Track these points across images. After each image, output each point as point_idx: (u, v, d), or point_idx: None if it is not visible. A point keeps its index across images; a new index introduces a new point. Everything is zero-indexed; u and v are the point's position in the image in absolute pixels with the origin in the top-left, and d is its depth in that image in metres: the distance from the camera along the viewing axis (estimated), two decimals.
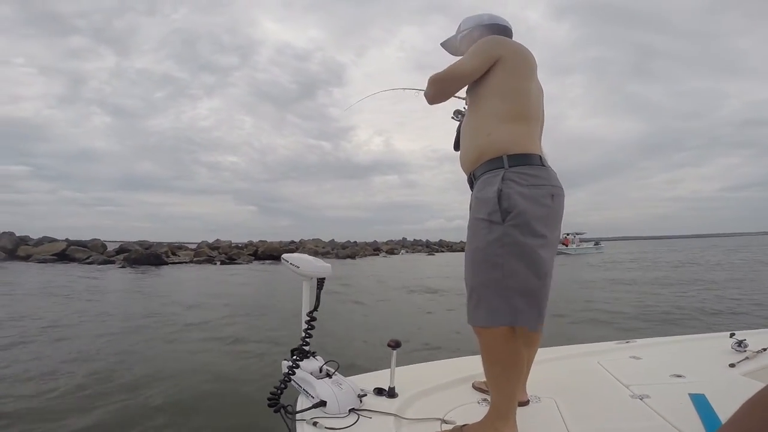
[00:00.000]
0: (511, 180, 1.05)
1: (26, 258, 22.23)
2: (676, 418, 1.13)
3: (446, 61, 1.31)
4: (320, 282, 1.36)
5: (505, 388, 1.06)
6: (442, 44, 1.53)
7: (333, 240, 41.60)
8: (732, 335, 1.87)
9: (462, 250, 1.26)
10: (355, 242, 44.14)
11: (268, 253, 26.78)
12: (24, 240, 25.27)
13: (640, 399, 1.28)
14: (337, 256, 33.59)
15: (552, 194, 1.07)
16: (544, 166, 1.11)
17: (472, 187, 1.21)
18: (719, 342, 1.90)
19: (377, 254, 37.37)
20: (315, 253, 34.19)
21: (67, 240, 25.48)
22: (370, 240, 46.18)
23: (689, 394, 1.27)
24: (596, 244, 44.24)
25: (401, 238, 53.06)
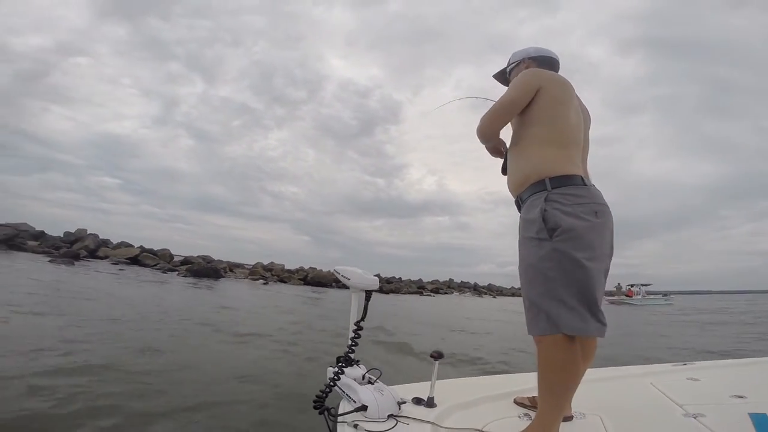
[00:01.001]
0: (554, 200, 1.14)
1: (104, 258, 24.86)
2: None
3: (499, 92, 1.39)
4: (368, 294, 1.43)
5: (556, 398, 1.09)
6: (494, 76, 1.64)
7: (379, 274, 41.35)
8: None
9: (513, 295, 1.23)
10: (400, 278, 43.63)
11: (317, 280, 27.67)
12: (105, 242, 28.40)
13: (694, 417, 1.23)
14: (381, 291, 33.46)
15: (595, 211, 1.14)
16: (585, 185, 1.18)
17: (519, 209, 1.29)
18: None
19: (421, 292, 36.62)
20: None
21: (141, 247, 28.17)
22: (415, 278, 45.21)
23: (749, 414, 1.19)
24: (665, 295, 41.71)
25: (448, 279, 51.57)
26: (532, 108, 1.28)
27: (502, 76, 1.61)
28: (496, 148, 1.42)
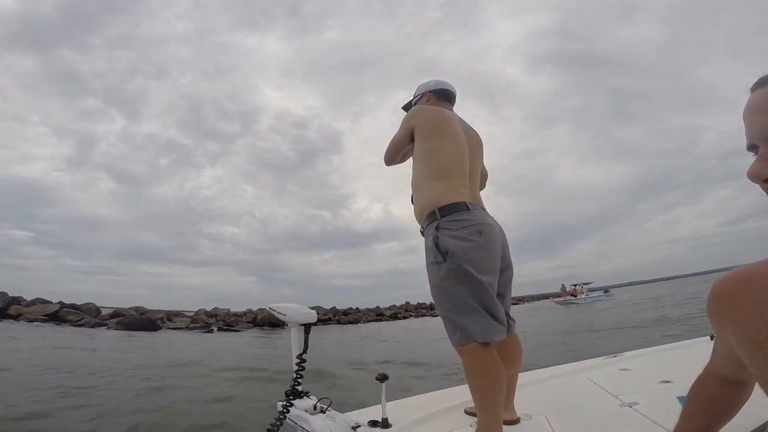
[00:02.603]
0: (443, 228, 1.30)
1: (16, 317, 21.72)
2: (666, 420, 1.16)
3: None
4: (307, 327, 1.44)
5: (488, 402, 1.19)
6: (403, 107, 1.79)
7: (335, 307, 40.73)
8: (712, 338, 1.88)
9: None
10: (357, 308, 42.93)
11: (267, 321, 25.83)
12: (17, 300, 24.89)
13: (630, 406, 1.33)
14: (339, 323, 32.68)
15: (479, 231, 1.30)
16: (469, 210, 1.33)
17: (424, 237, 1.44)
18: (702, 346, 1.97)
19: (380, 319, 36.22)
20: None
21: (60, 303, 25.08)
22: (372, 306, 44.76)
23: (678, 397, 1.29)
24: (606, 291, 45.46)
25: (404, 302, 51.65)
26: (416, 144, 1.48)
27: (409, 108, 1.74)
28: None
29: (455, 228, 1.28)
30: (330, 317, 34.81)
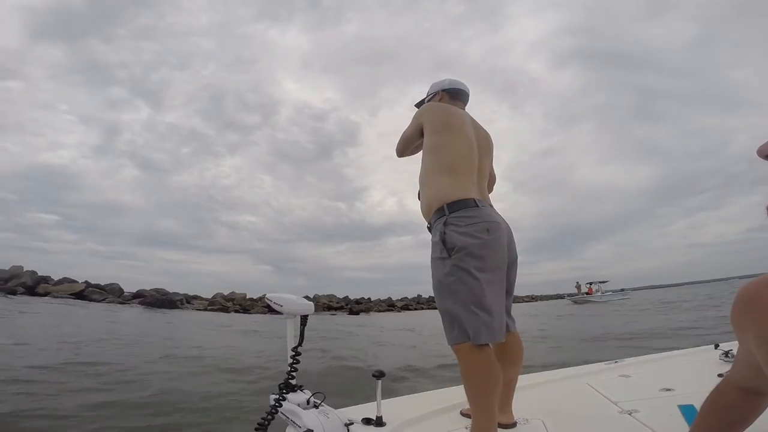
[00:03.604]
0: (451, 224, 1.28)
1: (44, 295, 22.77)
2: (666, 429, 1.14)
3: None
4: (303, 319, 1.40)
5: (483, 403, 1.17)
6: (416, 105, 1.76)
7: (347, 296, 41.14)
8: (716, 346, 1.89)
9: None
10: (369, 299, 43.29)
11: None
12: (44, 279, 26.02)
13: (629, 414, 1.30)
14: (351, 311, 33.06)
15: (487, 228, 1.28)
16: (478, 207, 1.31)
17: (430, 232, 1.42)
18: (706, 354, 1.91)
19: (392, 310, 36.49)
20: (328, 308, 34.42)
21: (86, 282, 26.13)
22: (384, 297, 45.03)
23: (678, 406, 1.26)
24: (622, 291, 46.62)
25: (416, 295, 51.78)
26: (425, 140, 1.48)
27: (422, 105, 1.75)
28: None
29: (463, 224, 1.27)
30: (342, 305, 35.34)
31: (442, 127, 1.44)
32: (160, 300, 22.20)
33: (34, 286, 23.89)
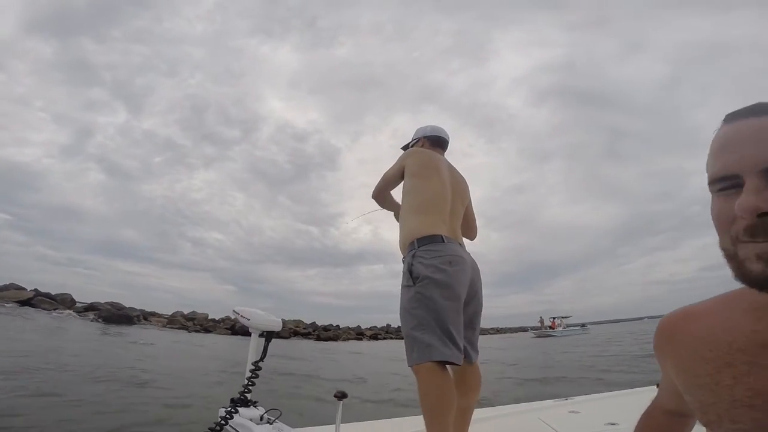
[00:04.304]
0: (418, 256, 1.41)
1: None
2: None
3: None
4: (269, 335, 1.42)
5: (437, 421, 1.23)
6: (402, 148, 1.92)
7: (314, 322, 40.06)
8: (658, 386, 2.01)
9: None
10: (338, 326, 42.29)
11: (245, 329, 25.45)
12: None
13: None
14: (319, 338, 32.16)
15: (449, 261, 1.40)
16: (444, 242, 1.44)
17: None
18: (649, 393, 2.03)
19: (360, 339, 35.72)
20: (295, 333, 33.37)
21: (35, 290, 24.37)
22: (353, 325, 44.10)
23: None
24: (582, 326, 47.99)
25: (386, 324, 51.00)
26: (405, 182, 1.64)
27: (407, 149, 1.92)
28: (397, 214, 1.76)
29: (429, 257, 1.39)
30: (310, 332, 34.32)
31: (420, 171, 1.60)
32: (115, 315, 20.89)
33: None
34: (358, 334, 39.54)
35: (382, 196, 1.76)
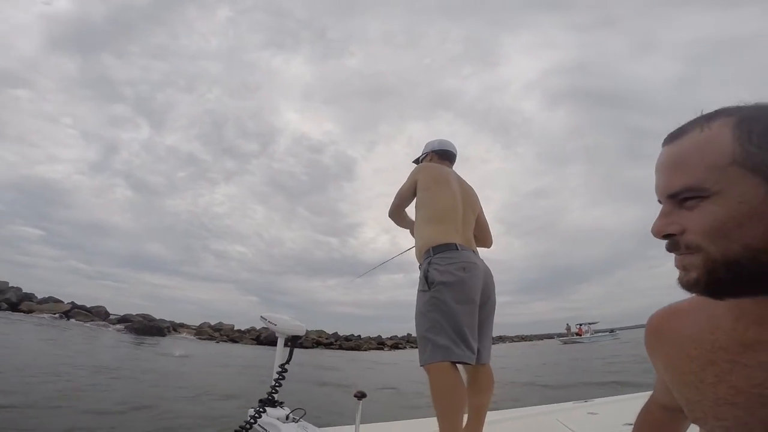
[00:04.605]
0: (434, 263, 1.50)
1: (28, 312, 22.26)
2: None
3: None
4: (294, 339, 1.50)
5: (450, 420, 1.30)
6: (413, 162, 2.01)
7: (336, 332, 40.26)
8: None
9: None
10: (359, 336, 42.34)
11: (271, 339, 26.11)
12: (28, 296, 25.52)
13: None
14: (341, 347, 32.30)
15: (463, 267, 1.48)
16: (458, 249, 1.53)
17: None
18: None
19: (381, 348, 35.64)
20: (318, 343, 33.61)
21: (72, 303, 25.56)
22: (374, 335, 44.07)
23: None
24: (611, 331, 46.61)
25: (406, 334, 50.68)
26: (418, 195, 1.73)
27: (418, 162, 2.03)
28: (411, 231, 1.84)
29: (444, 263, 1.48)
30: (332, 342, 34.52)
31: (431, 185, 1.69)
32: (147, 326, 21.67)
33: (18, 302, 23.36)
34: (379, 343, 39.42)
35: (398, 213, 1.84)
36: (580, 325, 43.69)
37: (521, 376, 9.90)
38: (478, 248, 1.81)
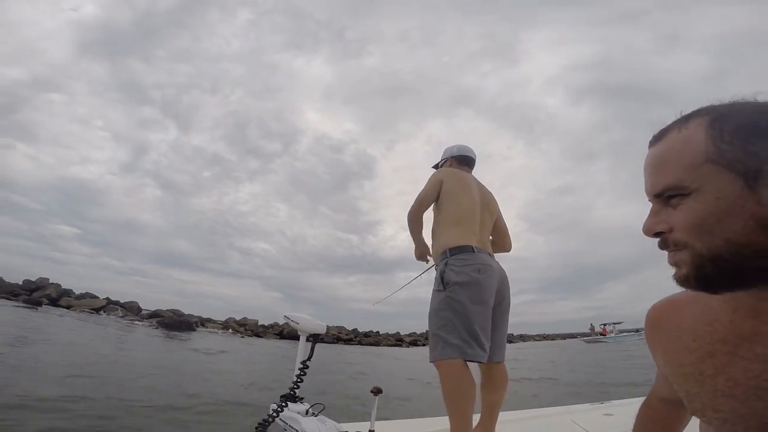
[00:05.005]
0: (450, 264, 1.56)
1: (67, 308, 23.46)
2: None
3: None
4: (316, 337, 1.56)
5: (460, 415, 1.35)
6: (433, 167, 2.06)
7: (356, 328, 40.66)
8: None
9: None
10: (378, 332, 42.62)
11: (293, 334, 26.35)
12: (67, 292, 26.86)
13: None
14: (360, 344, 32.64)
15: (478, 269, 1.53)
16: (474, 252, 1.58)
17: None
18: None
19: (400, 345, 35.79)
20: (338, 339, 34.00)
21: (107, 298, 26.85)
22: (393, 332, 44.22)
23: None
24: (637, 331, 44.99)
25: (425, 331, 50.36)
26: (438, 199, 1.77)
27: (437, 167, 2.07)
28: (421, 252, 1.86)
29: (459, 265, 1.54)
30: (352, 338, 34.93)
31: (450, 189, 1.75)
32: (177, 322, 22.57)
33: (58, 298, 24.70)
34: (398, 340, 39.50)
35: (418, 216, 1.85)
36: (604, 325, 42.86)
37: (533, 373, 9.77)
38: (498, 253, 1.86)
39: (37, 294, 23.55)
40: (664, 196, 0.46)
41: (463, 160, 1.97)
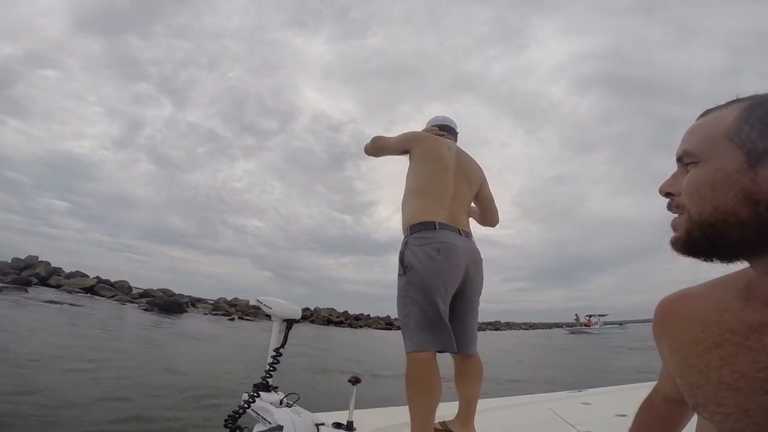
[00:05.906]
0: (410, 244, 1.43)
1: (57, 287, 23.18)
2: None
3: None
4: (290, 323, 1.49)
5: (419, 411, 1.29)
6: None
7: (347, 311, 41.07)
8: None
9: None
10: (368, 315, 43.15)
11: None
12: (57, 271, 26.62)
13: None
14: (350, 326, 33.03)
15: (438, 249, 1.39)
16: (435, 229, 1.43)
17: None
18: None
19: (389, 328, 36.29)
20: (329, 321, 34.38)
21: (97, 278, 26.63)
22: (383, 315, 44.84)
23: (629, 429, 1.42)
24: (620, 324, 47.50)
25: None
26: (409, 165, 1.61)
27: None
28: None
29: (418, 244, 1.41)
30: (342, 320, 35.34)
31: (420, 154, 1.59)
32: (167, 302, 22.42)
33: (47, 277, 24.39)
34: (387, 323, 40.01)
35: (373, 155, 1.78)
36: (590, 316, 43.97)
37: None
38: (486, 226, 1.74)
39: (26, 273, 23.26)
40: (683, 162, 0.49)
41: (444, 128, 1.83)
